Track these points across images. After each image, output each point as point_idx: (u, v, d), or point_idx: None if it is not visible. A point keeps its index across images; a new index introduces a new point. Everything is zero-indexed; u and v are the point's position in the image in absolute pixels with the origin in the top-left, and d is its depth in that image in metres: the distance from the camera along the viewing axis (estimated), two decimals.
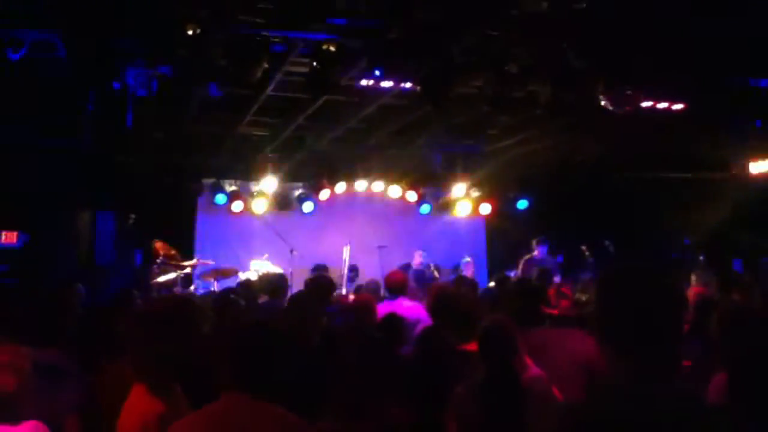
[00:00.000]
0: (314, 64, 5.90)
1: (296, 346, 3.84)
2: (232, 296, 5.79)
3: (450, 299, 4.63)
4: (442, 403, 3.45)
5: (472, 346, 3.93)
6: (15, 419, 2.72)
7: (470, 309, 4.39)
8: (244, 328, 2.65)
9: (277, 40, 5.69)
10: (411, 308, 5.98)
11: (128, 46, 5.40)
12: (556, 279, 9.61)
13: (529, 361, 3.81)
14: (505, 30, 5.53)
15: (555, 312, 5.80)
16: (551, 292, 6.04)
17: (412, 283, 7.84)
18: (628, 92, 6.73)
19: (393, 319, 4.80)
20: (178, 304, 2.90)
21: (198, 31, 5.03)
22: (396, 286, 6.37)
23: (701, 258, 11.83)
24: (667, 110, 7.86)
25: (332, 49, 5.69)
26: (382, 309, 6.15)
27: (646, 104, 7.54)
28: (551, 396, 3.55)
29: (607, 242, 11.02)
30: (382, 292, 8.32)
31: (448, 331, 4.23)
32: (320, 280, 6.20)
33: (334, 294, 7.18)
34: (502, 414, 3.12)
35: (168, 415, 2.51)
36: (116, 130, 7.30)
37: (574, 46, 5.91)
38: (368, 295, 6.69)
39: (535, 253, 10.16)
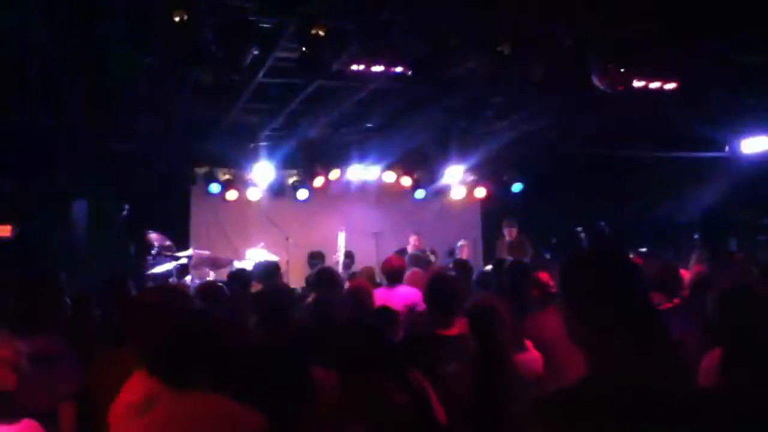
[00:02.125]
0: (304, 48, 5.85)
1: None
2: (219, 284, 5.73)
3: (440, 285, 4.56)
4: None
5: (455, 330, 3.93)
6: (14, 416, 2.70)
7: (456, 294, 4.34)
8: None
9: (266, 24, 5.64)
10: (408, 294, 5.95)
11: (116, 34, 5.34)
12: None
13: (529, 343, 3.81)
14: (497, 10, 5.49)
15: None
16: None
17: (408, 269, 7.83)
18: (620, 71, 6.70)
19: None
20: (176, 292, 2.87)
21: (185, 17, 4.99)
22: (393, 273, 6.33)
23: (696, 237, 11.89)
24: (660, 90, 7.84)
25: (321, 33, 5.64)
26: (379, 295, 6.13)
27: (638, 84, 7.52)
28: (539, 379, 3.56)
29: (602, 223, 11.05)
30: (378, 278, 8.34)
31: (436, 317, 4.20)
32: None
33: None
34: (486, 390, 3.12)
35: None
36: (107, 120, 7.25)
37: (566, 25, 5.88)
38: (364, 280, 6.66)
39: (507, 237, 10.21)
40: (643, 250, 10.72)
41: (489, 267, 10.14)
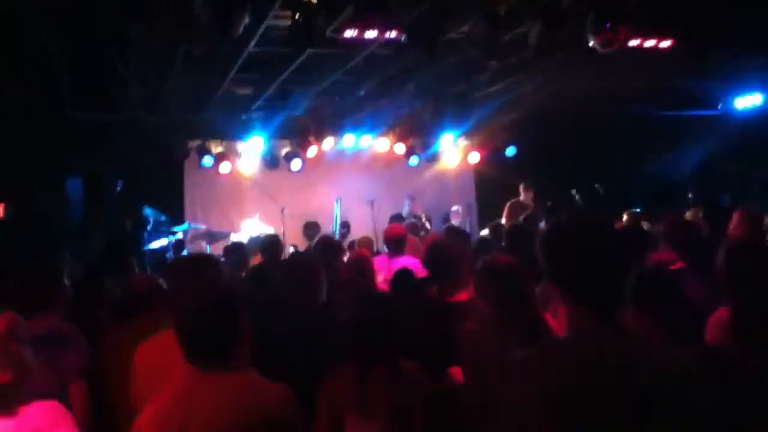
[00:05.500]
0: (296, 16, 5.74)
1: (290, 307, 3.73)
2: (220, 259, 5.68)
3: (443, 251, 4.52)
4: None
5: (463, 297, 3.91)
6: (24, 400, 2.65)
7: (460, 259, 4.32)
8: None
9: None
10: (410, 264, 5.89)
11: (103, 5, 5.22)
12: (542, 225, 9.70)
13: None
14: None
15: None
16: None
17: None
18: (616, 31, 6.62)
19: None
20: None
21: None
22: (396, 241, 6.25)
23: (690, 196, 11.92)
24: (655, 48, 7.76)
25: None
26: (380, 264, 6.09)
27: (633, 43, 7.44)
28: None
29: (597, 185, 11.03)
30: (375, 247, 8.32)
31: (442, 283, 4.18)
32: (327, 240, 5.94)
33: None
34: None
35: None
36: (97, 95, 7.13)
37: None
38: (364, 250, 6.64)
39: (521, 197, 10.16)
40: (637, 210, 10.75)
41: (485, 232, 10.19)
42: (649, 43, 7.65)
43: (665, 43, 7.81)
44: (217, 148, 11.54)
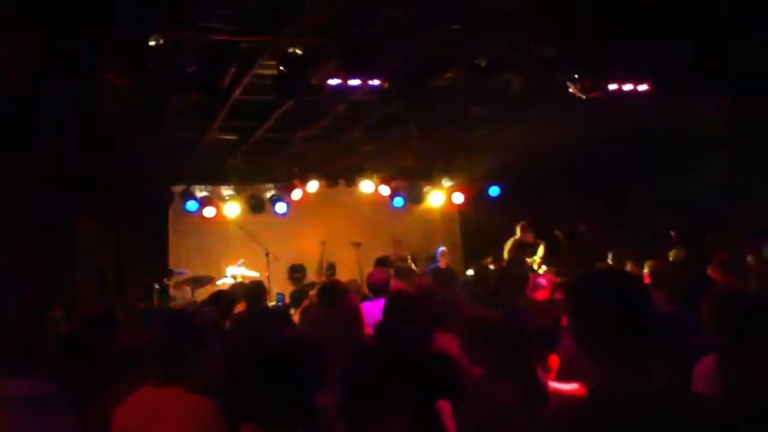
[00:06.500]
0: (281, 68, 5.82)
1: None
2: (204, 308, 5.67)
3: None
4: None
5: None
6: None
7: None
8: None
9: (244, 44, 5.60)
10: None
11: (91, 60, 5.26)
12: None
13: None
14: (473, 23, 5.52)
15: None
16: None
17: (394, 280, 7.83)
18: (595, 78, 6.78)
19: None
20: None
21: (161, 41, 4.93)
22: (378, 287, 6.33)
23: (672, 234, 12.02)
24: (633, 92, 7.96)
25: (299, 51, 5.62)
26: (365, 309, 6.12)
27: (612, 87, 7.64)
28: None
29: (582, 226, 11.12)
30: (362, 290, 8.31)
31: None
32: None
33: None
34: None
35: None
36: (82, 144, 7.13)
37: (542, 36, 5.93)
38: (353, 295, 6.65)
39: (518, 236, 10.19)
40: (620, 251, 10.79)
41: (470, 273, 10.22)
42: (627, 87, 7.88)
43: (643, 87, 8.03)
44: (201, 193, 11.54)
